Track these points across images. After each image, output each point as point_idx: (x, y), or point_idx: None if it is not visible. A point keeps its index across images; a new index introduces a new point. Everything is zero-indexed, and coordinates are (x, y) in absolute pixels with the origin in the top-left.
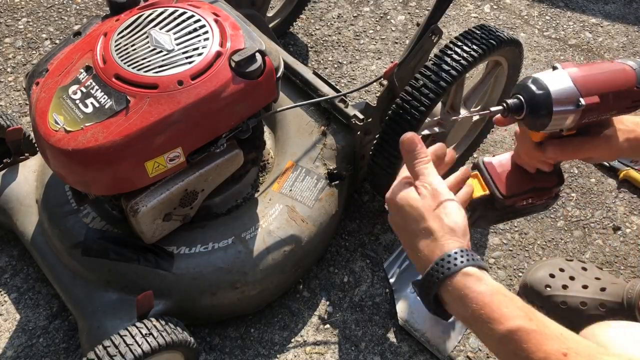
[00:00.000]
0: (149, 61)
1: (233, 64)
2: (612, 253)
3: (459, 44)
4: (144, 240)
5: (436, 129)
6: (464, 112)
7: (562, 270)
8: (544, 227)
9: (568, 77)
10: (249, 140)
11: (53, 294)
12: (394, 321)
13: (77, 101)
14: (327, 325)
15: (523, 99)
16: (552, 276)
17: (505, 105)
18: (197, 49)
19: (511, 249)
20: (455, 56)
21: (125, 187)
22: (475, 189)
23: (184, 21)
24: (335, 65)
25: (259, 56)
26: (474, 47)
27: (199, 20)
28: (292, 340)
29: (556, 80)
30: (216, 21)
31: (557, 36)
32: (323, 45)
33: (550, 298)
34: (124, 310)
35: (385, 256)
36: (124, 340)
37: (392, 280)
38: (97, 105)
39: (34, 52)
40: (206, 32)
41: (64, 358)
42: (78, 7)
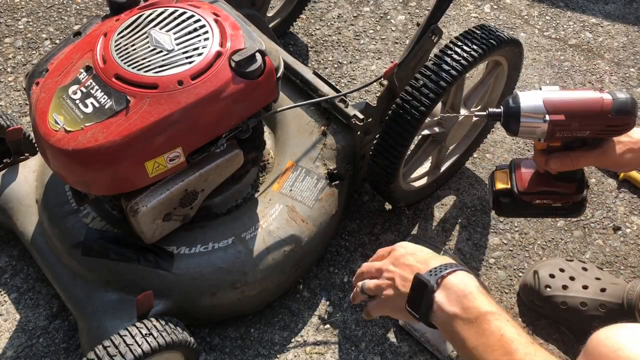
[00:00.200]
0: (149, 61)
1: (233, 64)
2: (612, 253)
3: (459, 44)
4: (144, 240)
5: (436, 129)
6: (463, 111)
7: (562, 270)
8: (544, 227)
9: (540, 97)
10: (249, 140)
11: (53, 294)
12: (394, 321)
13: (77, 101)
14: (327, 325)
15: (502, 109)
16: (552, 276)
17: (487, 112)
18: (197, 49)
19: (511, 249)
20: (455, 56)
21: (125, 187)
22: (501, 181)
23: (184, 21)
24: (335, 65)
25: (259, 56)
26: (474, 47)
27: (199, 20)
28: (292, 340)
29: (528, 98)
30: (216, 21)
31: (557, 36)
32: (323, 45)
33: (550, 298)
34: (124, 310)
35: None
36: (124, 340)
37: None
38: (97, 105)
39: (34, 52)
40: (206, 32)
41: (64, 358)
42: (78, 7)
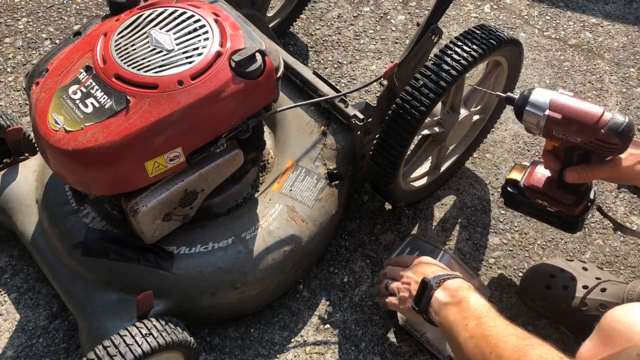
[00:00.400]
0: (149, 61)
1: (233, 64)
2: (612, 253)
3: (459, 44)
4: (144, 240)
5: (436, 129)
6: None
7: (562, 270)
8: (544, 227)
9: (550, 95)
10: (249, 140)
11: (53, 294)
12: (394, 321)
13: (77, 101)
14: (327, 325)
15: (517, 96)
16: (552, 276)
17: (506, 95)
18: (197, 49)
19: (511, 249)
20: (455, 56)
21: (125, 187)
22: (515, 172)
23: (184, 21)
24: (335, 65)
25: (259, 56)
26: (474, 47)
27: (199, 20)
28: (292, 340)
29: (540, 93)
30: (216, 21)
31: (557, 36)
32: (323, 45)
33: (550, 298)
34: (124, 310)
35: (385, 256)
36: (124, 340)
37: None
38: (97, 105)
39: (34, 52)
40: (206, 32)
41: (64, 358)
42: (78, 7)
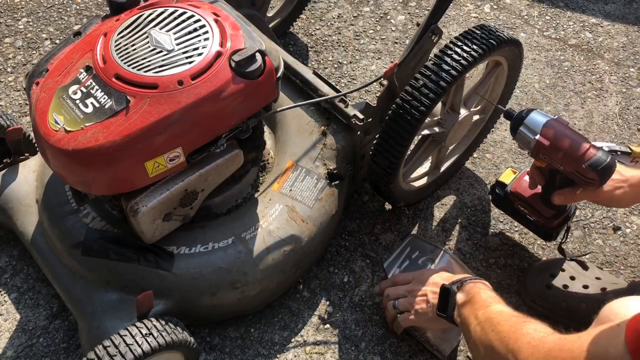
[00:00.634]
0: (149, 61)
1: (233, 64)
2: (612, 253)
3: (459, 44)
4: (144, 240)
5: (436, 129)
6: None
7: (562, 270)
8: None
9: (545, 120)
10: (249, 140)
11: (53, 294)
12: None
13: (77, 101)
14: (327, 325)
15: (516, 113)
16: (552, 276)
17: (506, 109)
18: (197, 49)
19: (511, 249)
20: (455, 56)
21: (125, 187)
22: (506, 176)
23: (184, 21)
24: (335, 65)
25: (259, 56)
26: (474, 47)
27: (199, 20)
28: (292, 340)
29: (537, 116)
30: (216, 21)
31: (557, 36)
32: (323, 45)
33: (551, 298)
34: (124, 310)
35: (385, 256)
36: (124, 340)
37: None
38: (97, 105)
39: (34, 52)
40: (206, 32)
41: (64, 358)
42: (78, 7)
